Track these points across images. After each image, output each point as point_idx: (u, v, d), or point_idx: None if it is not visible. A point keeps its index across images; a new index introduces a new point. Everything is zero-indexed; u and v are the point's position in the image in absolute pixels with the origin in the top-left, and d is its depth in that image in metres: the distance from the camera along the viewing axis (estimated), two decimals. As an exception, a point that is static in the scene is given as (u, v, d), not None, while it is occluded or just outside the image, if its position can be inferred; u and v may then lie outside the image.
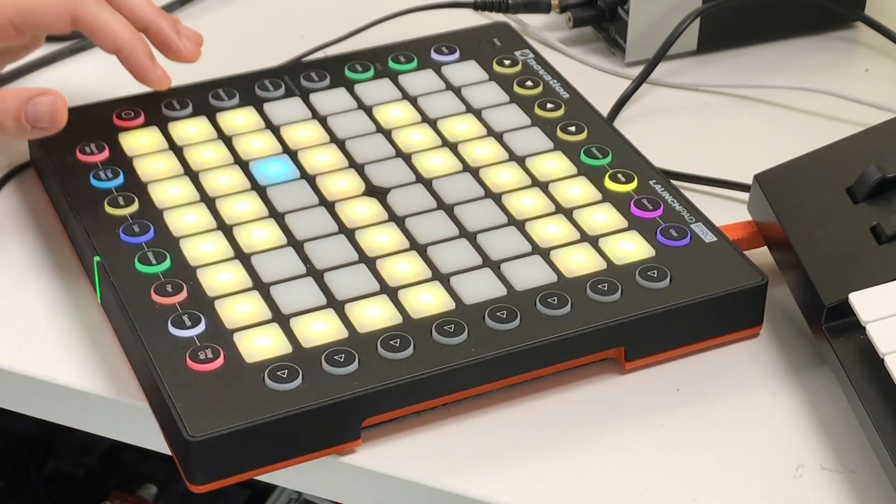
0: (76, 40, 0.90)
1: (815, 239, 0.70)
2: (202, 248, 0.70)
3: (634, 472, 0.64)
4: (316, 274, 0.69)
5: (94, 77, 0.74)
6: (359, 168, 0.76)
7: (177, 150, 0.77)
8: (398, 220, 0.73)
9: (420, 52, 0.85)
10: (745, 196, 0.77)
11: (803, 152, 0.76)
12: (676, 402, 0.68)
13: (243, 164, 0.76)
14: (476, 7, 0.94)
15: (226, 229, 0.72)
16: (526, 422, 0.67)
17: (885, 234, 0.69)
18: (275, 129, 0.79)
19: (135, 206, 0.73)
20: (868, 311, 0.65)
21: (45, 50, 0.88)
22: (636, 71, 0.90)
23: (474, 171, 0.76)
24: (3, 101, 0.69)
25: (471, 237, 0.72)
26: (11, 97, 0.70)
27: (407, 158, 0.77)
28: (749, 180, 0.76)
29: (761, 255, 0.74)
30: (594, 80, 0.90)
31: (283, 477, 0.65)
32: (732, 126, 0.88)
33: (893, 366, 0.63)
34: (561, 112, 0.80)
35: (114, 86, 0.84)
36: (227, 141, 0.78)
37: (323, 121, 0.80)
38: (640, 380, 0.69)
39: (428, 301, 0.68)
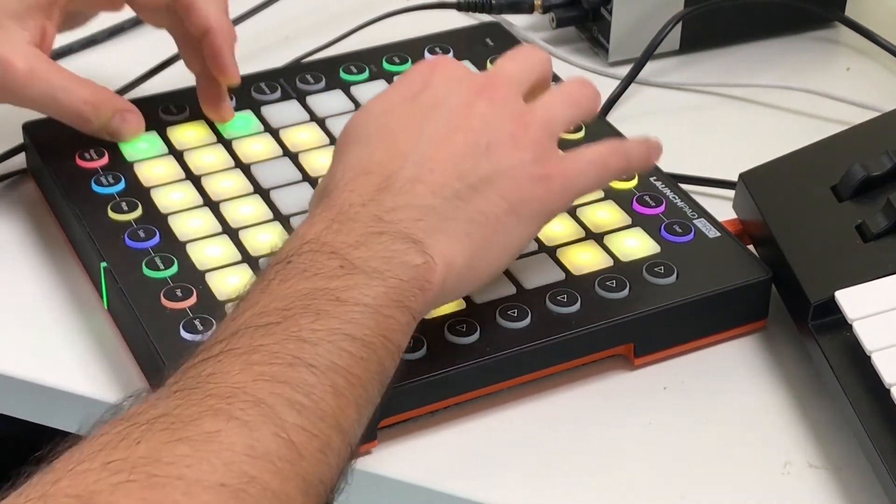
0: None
1: (800, 237, 0.71)
2: (209, 252, 0.70)
3: (622, 471, 0.65)
4: (324, 275, 0.69)
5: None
6: (360, 169, 0.76)
7: (177, 154, 0.77)
8: (403, 221, 0.73)
9: (414, 52, 0.85)
10: (731, 194, 0.77)
11: (787, 150, 0.76)
12: (663, 401, 0.68)
13: (245, 168, 0.76)
14: (460, 8, 0.94)
15: (231, 233, 0.72)
16: (515, 423, 0.67)
17: (870, 232, 0.69)
18: (274, 132, 0.79)
19: (138, 212, 0.73)
20: (854, 309, 0.66)
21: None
22: (619, 70, 0.91)
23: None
24: (101, 105, 0.73)
25: (477, 237, 0.72)
26: (110, 104, 0.74)
27: (407, 159, 0.77)
28: (734, 178, 0.76)
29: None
30: (578, 79, 0.91)
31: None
32: (717, 125, 0.88)
33: (880, 363, 0.63)
34: (558, 111, 0.81)
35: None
36: (226, 144, 0.78)
37: (321, 123, 0.80)
38: (627, 379, 0.69)
39: (439, 301, 0.68)
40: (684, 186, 0.77)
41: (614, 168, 0.67)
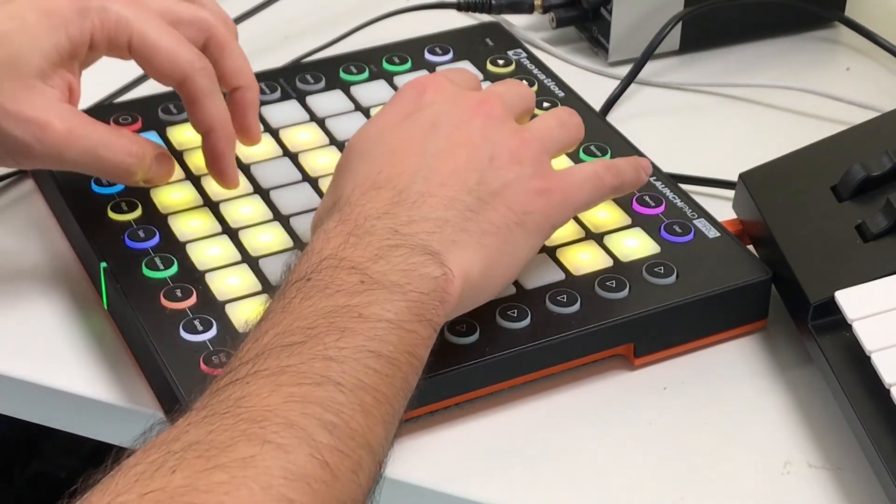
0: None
1: (800, 237, 0.71)
2: (209, 252, 0.70)
3: (622, 471, 0.65)
4: (325, 276, 0.69)
5: (88, 79, 0.74)
6: (360, 170, 0.76)
7: (176, 154, 0.77)
8: (403, 221, 0.73)
9: (413, 52, 0.85)
10: (731, 194, 0.77)
11: (787, 150, 0.76)
12: (664, 400, 0.68)
13: (245, 168, 0.76)
14: (460, 8, 0.94)
15: (231, 233, 0.72)
16: (515, 423, 0.67)
17: (870, 232, 0.69)
18: (273, 132, 0.79)
19: (138, 212, 0.73)
20: (854, 309, 0.66)
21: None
22: (619, 70, 0.91)
23: (475, 171, 0.76)
24: (143, 154, 0.69)
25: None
26: (150, 151, 0.70)
27: (407, 159, 0.77)
28: (734, 178, 0.76)
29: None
30: (578, 79, 0.90)
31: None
32: (716, 125, 0.88)
33: (880, 363, 0.63)
34: (558, 111, 0.81)
35: (109, 89, 0.84)
36: (226, 144, 0.78)
37: (321, 123, 0.80)
38: (627, 378, 0.69)
39: (439, 301, 0.68)
40: (684, 186, 0.77)
41: (609, 183, 0.68)
